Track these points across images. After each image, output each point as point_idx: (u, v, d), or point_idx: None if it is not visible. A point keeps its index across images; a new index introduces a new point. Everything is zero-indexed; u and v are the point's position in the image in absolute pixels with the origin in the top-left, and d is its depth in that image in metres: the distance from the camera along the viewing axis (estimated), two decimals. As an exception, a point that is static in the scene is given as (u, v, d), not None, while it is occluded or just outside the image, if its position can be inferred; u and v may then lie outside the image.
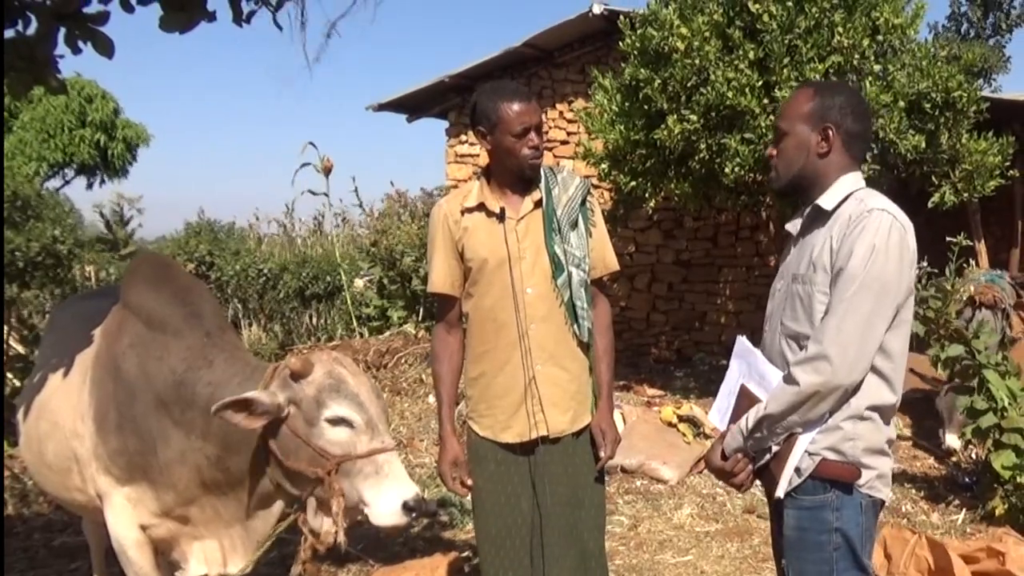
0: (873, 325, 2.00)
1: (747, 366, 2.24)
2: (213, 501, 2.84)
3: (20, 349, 7.03)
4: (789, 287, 2.20)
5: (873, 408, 2.07)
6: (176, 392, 2.77)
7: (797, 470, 2.09)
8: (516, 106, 2.57)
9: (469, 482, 2.71)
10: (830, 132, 2.15)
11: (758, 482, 2.28)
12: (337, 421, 2.52)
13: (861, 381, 2.03)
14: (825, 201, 2.15)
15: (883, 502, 2.17)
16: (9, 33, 2.62)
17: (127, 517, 2.87)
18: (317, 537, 2.65)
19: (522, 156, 2.61)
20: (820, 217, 2.17)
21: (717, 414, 2.32)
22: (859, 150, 2.21)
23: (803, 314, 2.11)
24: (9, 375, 6.86)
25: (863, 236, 2.01)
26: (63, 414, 3.01)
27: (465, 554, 4.10)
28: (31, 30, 2.62)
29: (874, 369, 2.05)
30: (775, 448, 2.12)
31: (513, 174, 2.66)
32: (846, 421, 2.06)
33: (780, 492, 2.11)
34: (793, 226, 2.30)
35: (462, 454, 2.74)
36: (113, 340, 2.96)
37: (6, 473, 5.53)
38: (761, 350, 2.25)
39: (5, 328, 6.93)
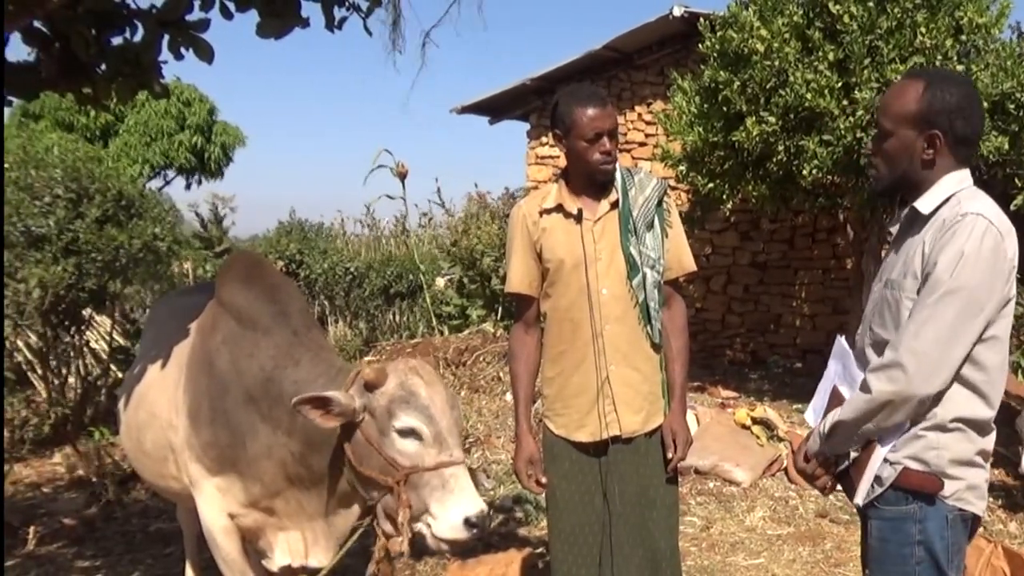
0: (956, 335, 1.90)
1: (842, 367, 2.19)
2: (297, 495, 2.90)
3: (122, 342, 7.42)
4: (882, 292, 2.11)
5: (961, 420, 1.97)
6: (264, 389, 2.84)
7: (878, 479, 2.03)
8: (589, 111, 2.59)
9: (543, 480, 2.74)
10: (937, 140, 2.01)
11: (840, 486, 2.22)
12: (406, 433, 2.56)
13: (942, 392, 1.93)
14: (923, 204, 2.04)
15: (976, 516, 2.05)
16: (117, 40, 2.76)
17: (217, 505, 2.97)
18: (389, 540, 2.68)
19: (593, 161, 2.63)
20: (918, 221, 2.06)
21: (812, 413, 2.28)
22: (967, 152, 2.07)
23: (890, 320, 2.03)
24: (112, 367, 7.26)
25: (953, 242, 1.90)
26: (160, 405, 3.12)
27: (539, 550, 4.16)
28: (137, 37, 2.76)
29: (966, 382, 1.95)
30: (854, 454, 2.06)
31: (586, 177, 2.69)
32: (929, 431, 1.97)
33: (858, 499, 2.07)
34: (895, 228, 2.19)
35: (537, 452, 2.79)
36: (207, 336, 3.04)
37: (107, 460, 5.79)
38: (855, 352, 2.19)
39: (109, 321, 7.33)
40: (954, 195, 2.00)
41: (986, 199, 2.00)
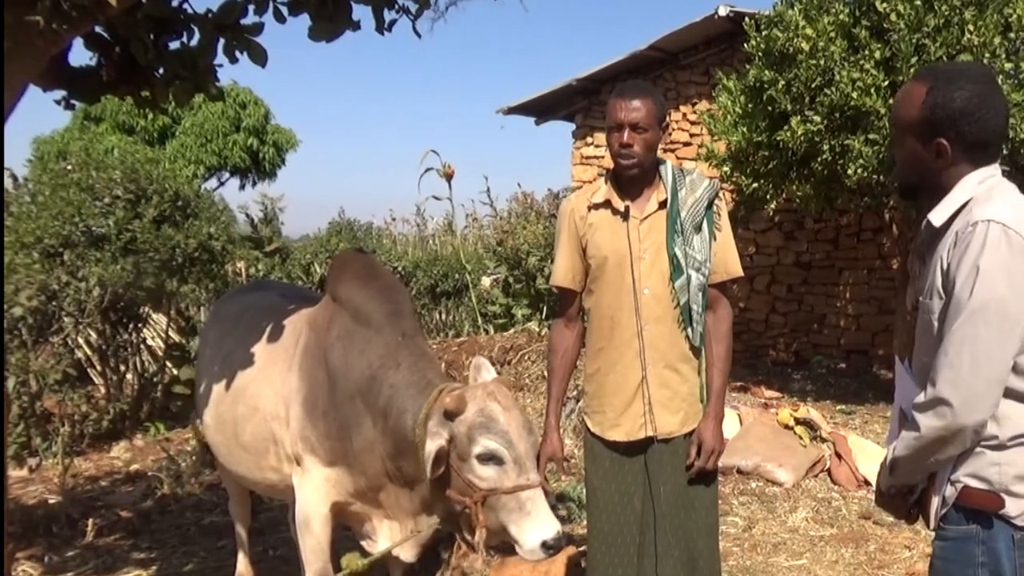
0: (991, 355, 1.75)
1: (904, 390, 2.06)
2: (396, 490, 2.99)
3: (178, 339, 7.60)
4: (920, 315, 1.96)
5: (1021, 437, 1.83)
6: (368, 386, 2.94)
7: (942, 499, 1.91)
8: (617, 100, 2.60)
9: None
10: (944, 149, 1.85)
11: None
12: (487, 458, 2.62)
13: (995, 413, 1.80)
14: (935, 217, 1.88)
15: None
16: (174, 44, 2.83)
17: (323, 494, 3.04)
18: (472, 548, 2.79)
19: (612, 151, 2.63)
20: (937, 234, 1.89)
21: (889, 436, 2.15)
22: (985, 154, 1.87)
23: (926, 344, 1.90)
24: (168, 364, 7.45)
25: (966, 257, 1.75)
26: (263, 398, 3.19)
27: (582, 548, 4.09)
28: (194, 41, 2.83)
29: (1018, 395, 1.82)
30: (922, 485, 1.96)
31: (617, 171, 2.69)
32: (989, 448, 1.84)
33: (931, 524, 1.95)
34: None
35: (560, 451, 2.79)
36: (323, 332, 3.11)
37: (162, 455, 5.94)
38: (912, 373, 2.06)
39: (165, 319, 7.52)
40: (969, 201, 1.84)
41: (1002, 198, 1.82)
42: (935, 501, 1.92)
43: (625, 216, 2.66)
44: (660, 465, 2.68)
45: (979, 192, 1.85)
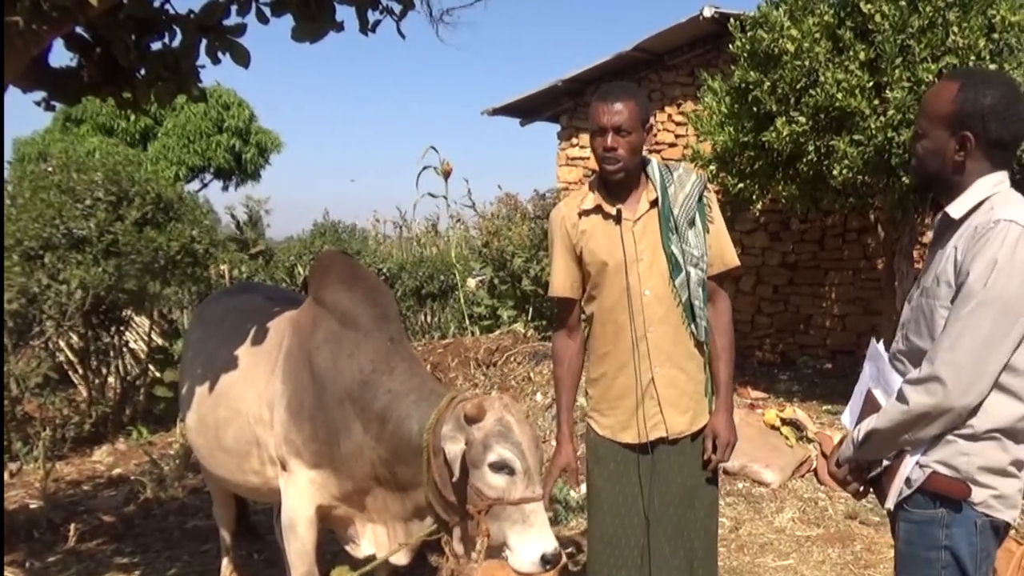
0: (992, 346, 1.86)
1: (876, 370, 2.15)
2: (385, 494, 3.00)
3: (160, 342, 7.55)
4: (918, 299, 2.07)
5: (997, 430, 1.93)
6: (361, 390, 2.93)
7: (907, 480, 2.01)
8: (599, 104, 2.57)
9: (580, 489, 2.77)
10: (969, 142, 1.96)
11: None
12: (500, 467, 2.63)
13: (978, 405, 1.90)
14: (954, 209, 2.00)
15: (1007, 524, 2.02)
16: (156, 45, 2.83)
17: (308, 497, 3.04)
18: (458, 560, 2.80)
19: (597, 155, 2.60)
20: (951, 226, 2.01)
21: (848, 415, 2.25)
22: (1003, 155, 2.00)
23: (924, 329, 1.99)
24: (151, 367, 7.39)
25: (985, 250, 1.86)
26: (246, 401, 3.18)
27: (569, 550, 4.13)
28: (176, 42, 2.83)
29: (1004, 389, 1.91)
30: (886, 462, 2.05)
31: (603, 175, 2.65)
32: (962, 438, 1.94)
33: (889, 504, 2.06)
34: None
35: (575, 461, 2.79)
36: (307, 335, 3.10)
37: (145, 458, 5.91)
38: (889, 356, 2.15)
39: (147, 322, 7.46)
40: (987, 199, 1.95)
41: (1021, 203, 1.94)
42: (897, 482, 2.01)
43: (617, 219, 2.64)
44: (666, 465, 2.68)
45: (996, 194, 1.96)
